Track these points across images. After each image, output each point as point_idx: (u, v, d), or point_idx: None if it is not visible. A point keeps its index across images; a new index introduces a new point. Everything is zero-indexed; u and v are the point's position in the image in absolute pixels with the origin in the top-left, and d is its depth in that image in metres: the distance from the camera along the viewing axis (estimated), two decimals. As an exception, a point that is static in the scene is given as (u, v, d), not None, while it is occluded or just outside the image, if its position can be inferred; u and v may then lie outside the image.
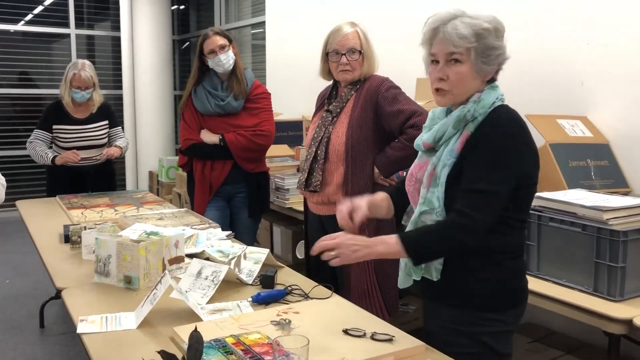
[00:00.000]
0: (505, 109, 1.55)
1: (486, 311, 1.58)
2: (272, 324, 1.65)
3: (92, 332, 1.66)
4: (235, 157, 3.16)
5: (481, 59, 1.53)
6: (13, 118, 7.41)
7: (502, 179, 1.49)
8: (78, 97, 3.68)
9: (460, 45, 1.52)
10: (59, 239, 2.64)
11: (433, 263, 1.58)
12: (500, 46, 1.55)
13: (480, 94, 1.55)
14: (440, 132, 1.60)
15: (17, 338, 3.58)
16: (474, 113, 1.53)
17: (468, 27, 1.52)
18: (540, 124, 2.59)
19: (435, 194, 1.56)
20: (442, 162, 1.56)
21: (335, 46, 2.47)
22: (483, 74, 1.55)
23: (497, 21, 1.56)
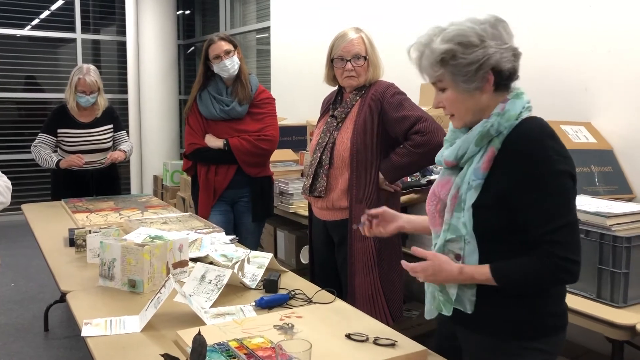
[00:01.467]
0: (536, 121, 1.43)
1: (526, 340, 1.45)
2: (275, 328, 1.66)
3: (96, 335, 1.66)
4: (239, 161, 3.18)
5: (460, 80, 1.42)
6: (19, 122, 7.45)
7: (570, 200, 1.38)
8: (83, 102, 3.70)
9: (432, 76, 1.46)
10: (64, 243, 2.66)
11: (466, 294, 1.47)
12: (476, 59, 1.39)
13: (504, 105, 1.43)
14: (463, 149, 1.46)
15: (21, 341, 3.59)
16: (498, 127, 1.41)
17: (430, 57, 1.43)
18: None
19: (461, 220, 1.43)
20: (466, 183, 1.44)
21: (340, 52, 2.47)
22: (474, 92, 1.43)
23: (463, 33, 1.40)
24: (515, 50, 1.45)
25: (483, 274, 1.41)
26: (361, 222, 1.79)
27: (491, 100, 1.45)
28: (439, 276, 1.46)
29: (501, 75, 1.43)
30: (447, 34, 1.42)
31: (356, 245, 2.45)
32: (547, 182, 1.37)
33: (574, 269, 1.37)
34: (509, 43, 1.44)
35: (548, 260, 1.36)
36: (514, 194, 1.39)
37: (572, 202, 1.39)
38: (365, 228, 1.78)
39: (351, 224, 2.44)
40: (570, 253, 1.36)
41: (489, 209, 1.41)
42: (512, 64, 1.44)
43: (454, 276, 1.44)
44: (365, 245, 2.44)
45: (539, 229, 1.37)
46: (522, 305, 1.45)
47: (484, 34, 1.41)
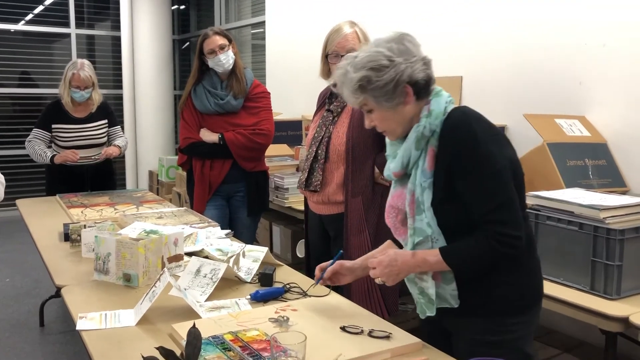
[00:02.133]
0: (460, 110, 1.53)
1: (512, 315, 1.54)
2: (270, 321, 1.66)
3: (91, 328, 1.66)
4: (234, 156, 3.17)
5: (382, 100, 1.52)
6: (13, 117, 7.42)
7: (505, 178, 1.46)
8: (77, 97, 3.69)
9: (356, 102, 1.55)
10: (58, 238, 2.65)
11: (447, 290, 1.54)
12: (390, 78, 1.48)
13: (428, 106, 1.53)
14: (406, 156, 1.56)
15: (17, 336, 3.59)
16: (430, 127, 1.51)
17: (349, 86, 1.53)
18: (538, 124, 2.60)
19: (425, 221, 1.52)
20: (419, 186, 1.53)
21: (334, 48, 2.47)
22: (397, 107, 1.52)
23: (372, 59, 1.49)
24: (424, 59, 1.54)
25: (434, 255, 1.49)
26: (318, 279, 1.81)
27: (416, 108, 1.54)
28: (395, 266, 1.54)
29: (418, 85, 1.52)
30: (358, 62, 1.52)
31: (352, 239, 2.45)
32: (480, 164, 1.45)
33: (514, 243, 1.44)
34: (417, 54, 1.53)
35: (489, 238, 1.44)
36: (457, 183, 1.48)
37: (506, 180, 1.46)
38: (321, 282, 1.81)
39: (347, 218, 2.45)
40: (508, 229, 1.44)
41: (446, 203, 1.50)
42: (424, 72, 1.52)
43: (409, 261, 1.52)
44: (360, 240, 2.44)
45: (478, 210, 1.46)
46: (500, 284, 1.53)
47: (391, 53, 1.50)
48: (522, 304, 1.56)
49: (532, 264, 1.60)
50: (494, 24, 3.33)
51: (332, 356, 1.33)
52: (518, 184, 1.53)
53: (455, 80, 3.54)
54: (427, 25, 3.75)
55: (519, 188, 1.54)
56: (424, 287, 1.55)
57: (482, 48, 3.40)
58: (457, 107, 1.55)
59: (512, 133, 3.18)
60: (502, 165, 1.46)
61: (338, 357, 1.33)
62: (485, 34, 3.38)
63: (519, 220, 1.46)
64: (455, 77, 3.55)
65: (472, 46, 3.47)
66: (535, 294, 1.60)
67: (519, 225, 1.45)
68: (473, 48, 3.46)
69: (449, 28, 3.60)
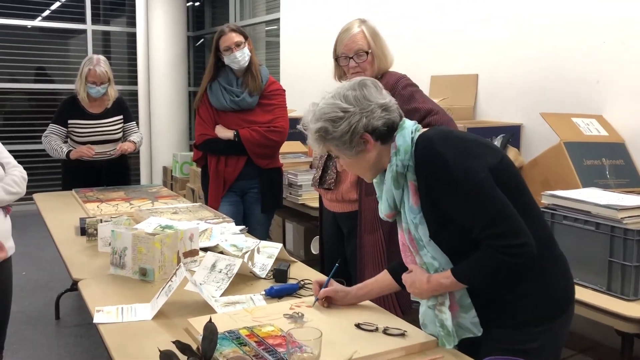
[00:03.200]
0: (424, 136, 1.50)
1: (537, 324, 1.49)
2: (285, 317, 1.67)
3: (108, 322, 1.68)
4: (249, 153, 3.18)
5: (342, 149, 1.53)
6: (29, 112, 7.49)
7: (486, 190, 1.41)
8: (93, 93, 3.71)
9: (320, 149, 1.58)
10: (75, 232, 2.68)
11: (467, 319, 1.50)
12: (345, 130, 1.49)
13: (394, 143, 1.51)
14: (390, 197, 1.55)
15: (33, 329, 3.63)
16: (402, 163, 1.49)
17: (310, 136, 1.55)
18: (555, 123, 2.59)
19: (429, 255, 1.51)
20: (410, 224, 1.52)
21: (342, 50, 2.46)
22: (359, 154, 1.52)
23: (328, 111, 1.51)
24: (384, 105, 1.52)
25: (447, 277, 1.47)
26: (316, 298, 1.78)
27: (382, 151, 1.54)
28: (415, 287, 1.55)
29: (378, 132, 1.51)
30: (316, 112, 1.54)
31: (365, 237, 2.45)
32: (457, 185, 1.42)
33: (520, 251, 1.40)
34: (374, 101, 1.51)
35: (494, 253, 1.41)
36: (446, 208, 1.46)
37: (489, 191, 1.42)
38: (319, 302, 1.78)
39: (361, 216, 2.44)
40: (509, 239, 1.40)
41: (443, 231, 1.48)
42: (384, 119, 1.51)
43: (425, 286, 1.52)
44: (374, 239, 2.44)
45: (474, 230, 1.43)
46: (520, 294, 1.48)
47: (346, 104, 1.50)
48: (547, 312, 1.51)
49: (554, 267, 1.54)
50: (510, 21, 3.30)
51: (347, 353, 1.33)
52: (511, 185, 1.48)
53: (470, 78, 3.53)
54: (440, 21, 3.74)
55: (515, 188, 1.49)
56: (443, 320, 1.50)
57: (499, 46, 3.38)
58: (422, 133, 1.52)
59: (527, 132, 3.16)
60: (480, 178, 1.41)
61: (353, 354, 1.33)
62: (501, 31, 3.36)
63: (517, 226, 1.40)
64: (470, 75, 3.53)
65: (488, 44, 3.45)
66: (560, 301, 1.54)
67: (519, 232, 1.40)
68: (489, 46, 3.44)
69: (464, 25, 3.58)
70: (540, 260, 1.46)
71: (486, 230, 1.40)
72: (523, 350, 1.42)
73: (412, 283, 1.55)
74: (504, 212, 1.41)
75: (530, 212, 1.50)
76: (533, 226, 1.45)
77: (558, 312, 1.53)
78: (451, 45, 3.71)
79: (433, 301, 1.53)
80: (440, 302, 1.51)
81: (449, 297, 1.50)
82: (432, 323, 1.55)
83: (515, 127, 3.16)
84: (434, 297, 1.52)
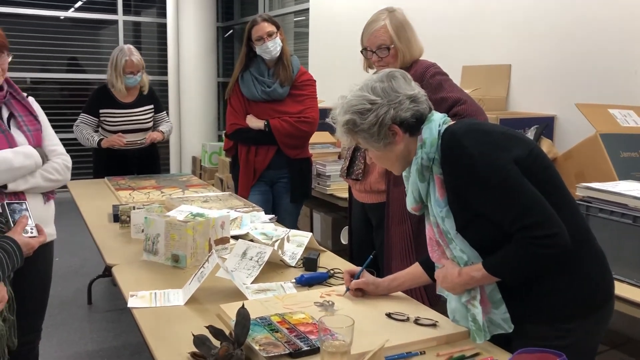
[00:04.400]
0: (448, 131, 1.47)
1: (570, 320, 1.45)
2: (316, 305, 1.67)
3: (141, 306, 1.71)
4: (279, 143, 3.20)
5: (371, 141, 1.52)
6: (61, 102, 7.62)
7: (515, 181, 1.38)
8: (131, 82, 3.75)
9: (349, 142, 1.58)
10: (108, 219, 2.73)
11: (497, 315, 1.47)
12: (373, 122, 1.48)
13: (421, 136, 1.49)
14: (415, 191, 1.54)
15: (66, 313, 3.72)
16: (428, 156, 1.48)
17: (339, 128, 1.55)
18: (590, 114, 2.53)
19: (457, 248, 1.48)
20: (438, 217, 1.50)
21: (366, 43, 2.45)
22: (388, 147, 1.51)
23: (355, 103, 1.50)
24: (412, 97, 1.51)
25: (478, 270, 1.45)
26: (347, 288, 1.78)
27: (411, 144, 1.52)
28: (447, 282, 1.52)
29: (407, 124, 1.50)
30: (344, 104, 1.54)
31: (393, 229, 2.44)
32: (484, 179, 1.40)
33: (553, 242, 1.37)
34: (402, 92, 1.50)
35: (526, 246, 1.38)
36: (473, 203, 1.44)
37: (517, 183, 1.39)
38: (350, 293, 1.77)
39: (389, 207, 2.43)
40: (539, 230, 1.37)
41: (471, 225, 1.46)
42: (412, 110, 1.50)
43: (456, 279, 1.49)
44: (402, 230, 2.42)
45: (504, 223, 1.40)
46: (552, 289, 1.45)
47: (374, 96, 1.50)
48: (580, 309, 1.47)
49: (590, 262, 1.49)
50: (545, 10, 3.24)
51: (379, 341, 1.33)
52: (543, 176, 1.44)
53: (503, 68, 3.48)
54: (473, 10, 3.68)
55: (548, 180, 1.45)
56: (475, 314, 1.48)
57: (533, 35, 3.32)
58: (448, 126, 1.50)
59: (561, 123, 3.10)
60: (507, 170, 1.39)
61: (385, 342, 1.33)
62: (535, 20, 3.30)
63: (548, 216, 1.37)
64: (503, 66, 3.48)
65: (521, 33, 3.39)
66: (595, 298, 1.49)
67: (551, 222, 1.37)
68: (523, 35, 3.38)
69: (498, 14, 3.53)
70: (575, 254, 1.43)
71: (517, 222, 1.38)
72: (552, 347, 1.37)
73: (444, 278, 1.53)
74: (533, 203, 1.38)
75: (565, 205, 1.47)
76: (568, 218, 1.42)
77: (592, 309, 1.49)
78: (484, 34, 3.65)
79: (466, 296, 1.50)
80: (472, 296, 1.49)
81: (479, 292, 1.48)
82: (463, 318, 1.53)
83: (549, 119, 3.10)
84: (467, 291, 1.50)
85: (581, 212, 1.89)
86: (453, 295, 1.55)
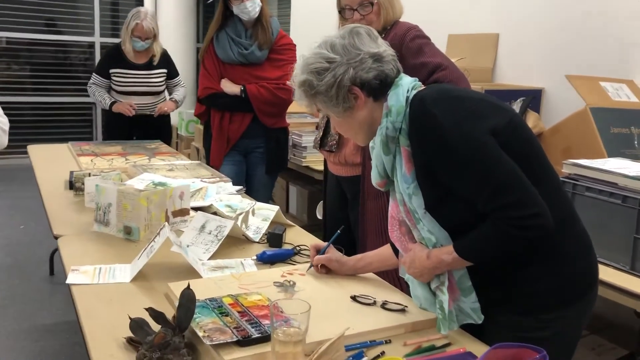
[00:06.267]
0: (417, 97, 1.30)
1: (548, 311, 1.31)
2: (275, 285, 1.52)
3: (82, 283, 1.55)
4: (255, 110, 3.03)
5: (329, 105, 1.35)
6: (40, 64, 7.31)
7: (490, 154, 1.22)
8: (138, 47, 3.72)
9: (309, 107, 1.41)
10: (64, 186, 2.55)
11: (467, 303, 1.33)
12: (329, 83, 1.31)
13: (386, 103, 1.32)
14: (379, 164, 1.37)
15: (27, 284, 3.55)
16: (394, 126, 1.30)
17: (297, 90, 1.38)
18: (581, 86, 2.39)
19: (425, 229, 1.32)
20: (405, 194, 1.33)
21: (346, 2, 2.24)
22: (348, 112, 1.35)
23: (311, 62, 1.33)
24: (376, 55, 1.33)
25: (449, 253, 1.29)
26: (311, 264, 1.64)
27: (375, 110, 1.36)
28: (415, 266, 1.36)
29: (369, 86, 1.33)
30: (300, 64, 1.37)
31: (369, 204, 2.29)
32: (456, 151, 1.23)
33: (534, 222, 1.21)
34: (366, 49, 1.32)
35: (502, 227, 1.22)
36: (443, 178, 1.28)
37: (492, 156, 1.23)
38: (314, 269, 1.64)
39: (364, 181, 2.28)
40: (520, 210, 1.21)
41: (441, 203, 1.30)
42: (376, 71, 1.33)
43: (425, 263, 1.33)
44: (378, 205, 2.27)
45: (479, 202, 1.25)
46: (530, 276, 1.31)
47: (332, 54, 1.33)
48: (560, 298, 1.32)
49: (573, 246, 1.34)
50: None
51: (339, 329, 1.18)
52: (523, 150, 1.28)
53: (490, 37, 3.31)
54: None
55: (528, 154, 1.29)
56: (442, 301, 1.32)
57: (522, 3, 3.15)
58: (416, 93, 1.32)
59: (549, 96, 2.95)
60: (482, 142, 1.23)
61: (345, 330, 1.19)
62: (527, -12, 3.12)
63: (528, 194, 1.22)
64: (490, 35, 3.31)
65: (511, 1, 3.21)
66: (578, 286, 1.34)
67: (531, 201, 1.21)
68: (512, 3, 3.21)
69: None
70: (556, 236, 1.28)
71: (492, 200, 1.22)
72: (530, 338, 1.23)
73: (412, 262, 1.36)
74: (511, 179, 1.22)
75: (547, 182, 1.31)
76: (550, 197, 1.25)
77: (574, 298, 1.34)
78: (471, 1, 3.47)
79: (435, 282, 1.35)
80: (441, 281, 1.33)
81: (447, 278, 1.33)
82: (431, 305, 1.37)
83: (537, 91, 2.95)
84: (436, 277, 1.34)
85: (565, 190, 1.76)
86: (417, 281, 1.40)
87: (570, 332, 1.37)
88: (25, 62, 7.19)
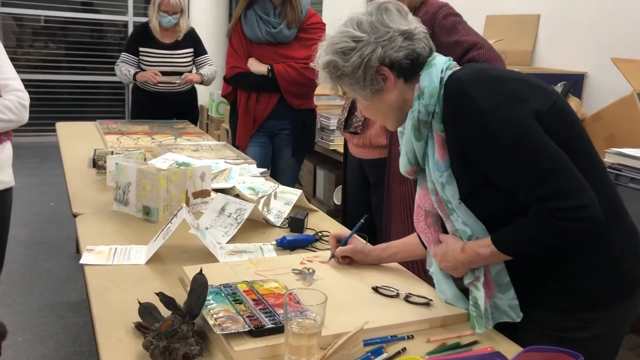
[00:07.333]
0: (453, 77, 1.20)
1: (591, 310, 1.22)
2: (294, 273, 1.46)
3: (96, 263, 1.51)
4: (282, 90, 2.96)
5: (356, 88, 1.26)
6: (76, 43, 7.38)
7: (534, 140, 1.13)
8: (165, 22, 3.67)
9: (335, 89, 1.32)
10: (88, 164, 2.53)
11: (504, 300, 1.24)
12: (356, 64, 1.22)
13: (418, 84, 1.23)
14: (410, 151, 1.29)
15: (54, 261, 3.57)
16: (427, 109, 1.21)
17: (321, 73, 1.29)
18: (628, 70, 2.25)
19: (460, 220, 1.23)
20: (437, 183, 1.24)
21: None
22: (377, 95, 1.26)
23: (336, 41, 1.24)
24: (406, 32, 1.23)
25: (487, 246, 1.20)
26: (332, 255, 1.55)
27: (407, 92, 1.27)
28: (448, 259, 1.27)
29: (400, 66, 1.24)
30: (325, 43, 1.27)
31: (395, 188, 2.19)
32: (497, 137, 1.14)
33: (583, 214, 1.12)
34: (395, 27, 1.23)
35: (545, 218, 1.13)
36: (481, 166, 1.19)
37: (537, 142, 1.14)
38: (335, 260, 1.55)
39: (390, 164, 2.18)
40: (567, 200, 1.12)
41: (478, 194, 1.21)
42: (406, 49, 1.23)
43: (459, 256, 1.25)
44: (404, 189, 2.17)
45: (520, 191, 1.16)
46: (573, 272, 1.22)
47: (359, 33, 1.23)
48: (604, 296, 1.23)
49: (619, 242, 1.23)
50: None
51: (358, 322, 1.11)
52: (569, 135, 1.19)
53: (530, 19, 3.15)
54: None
55: (574, 139, 1.19)
56: (477, 298, 1.23)
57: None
58: (452, 72, 1.22)
59: (592, 82, 2.80)
60: (525, 127, 1.13)
61: (364, 324, 1.11)
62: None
63: (576, 183, 1.12)
64: (531, 16, 3.15)
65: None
66: (623, 284, 1.24)
67: (579, 190, 1.12)
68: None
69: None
70: (603, 230, 1.17)
71: (536, 190, 1.13)
72: (570, 339, 1.15)
73: (444, 254, 1.27)
74: (557, 167, 1.13)
75: (594, 170, 1.20)
76: (597, 187, 1.15)
77: (619, 297, 1.24)
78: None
79: (469, 277, 1.25)
80: (476, 276, 1.24)
81: (483, 273, 1.24)
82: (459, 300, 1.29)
83: (579, 76, 2.79)
84: (471, 272, 1.25)
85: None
86: (442, 274, 1.31)
87: (613, 334, 1.27)
88: (61, 40, 7.26)
